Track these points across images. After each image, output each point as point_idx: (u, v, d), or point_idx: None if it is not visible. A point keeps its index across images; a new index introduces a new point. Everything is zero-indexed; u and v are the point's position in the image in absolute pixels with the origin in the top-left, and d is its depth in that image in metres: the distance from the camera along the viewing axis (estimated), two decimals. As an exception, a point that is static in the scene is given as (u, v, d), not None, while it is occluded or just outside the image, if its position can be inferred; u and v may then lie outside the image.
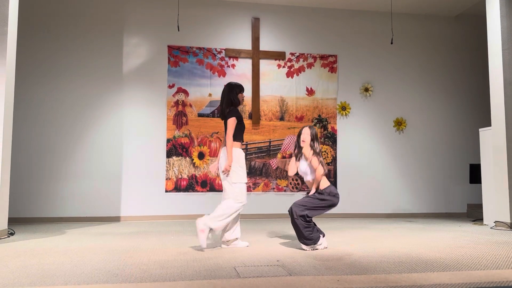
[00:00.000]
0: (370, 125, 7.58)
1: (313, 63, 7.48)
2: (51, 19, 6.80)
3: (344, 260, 3.37)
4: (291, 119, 7.32)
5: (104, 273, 2.92)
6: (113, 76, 6.89)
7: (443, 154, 7.74)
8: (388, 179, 7.53)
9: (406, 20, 7.81)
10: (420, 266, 3.15)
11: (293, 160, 4.19)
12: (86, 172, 6.68)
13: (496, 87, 5.83)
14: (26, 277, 2.79)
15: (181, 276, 2.82)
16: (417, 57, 7.83)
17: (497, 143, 5.80)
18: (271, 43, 7.41)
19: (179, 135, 6.98)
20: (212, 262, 3.28)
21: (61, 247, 4.08)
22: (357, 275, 2.85)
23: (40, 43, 6.72)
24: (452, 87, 7.90)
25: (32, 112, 6.60)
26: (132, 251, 3.83)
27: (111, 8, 6.99)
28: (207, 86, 7.15)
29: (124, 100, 6.89)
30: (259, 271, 2.98)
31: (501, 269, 3.05)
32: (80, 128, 6.73)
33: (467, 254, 3.66)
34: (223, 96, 4.26)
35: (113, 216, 6.66)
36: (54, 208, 6.52)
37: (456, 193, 7.70)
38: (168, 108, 7.00)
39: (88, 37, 6.87)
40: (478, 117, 7.68)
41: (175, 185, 6.89)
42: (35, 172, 6.53)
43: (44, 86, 6.67)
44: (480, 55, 7.65)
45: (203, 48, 7.18)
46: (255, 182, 7.10)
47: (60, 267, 3.10)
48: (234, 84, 4.31)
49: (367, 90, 7.57)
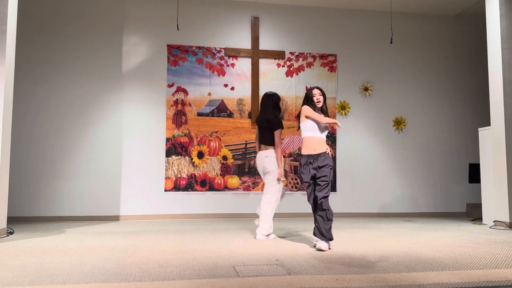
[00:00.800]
0: (369, 125, 7.58)
1: (312, 63, 7.48)
2: (51, 18, 6.79)
3: (343, 260, 3.37)
4: (290, 118, 7.31)
5: (103, 272, 2.92)
6: (113, 75, 6.88)
7: (442, 153, 7.75)
8: (387, 179, 7.54)
9: (406, 19, 7.81)
10: (419, 265, 3.15)
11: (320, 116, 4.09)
12: (85, 171, 6.67)
13: (495, 86, 5.83)
14: (25, 276, 2.79)
15: (180, 275, 2.82)
16: (416, 57, 7.84)
17: (497, 143, 5.80)
18: (271, 42, 7.40)
19: (179, 134, 6.98)
20: (211, 261, 3.28)
21: (60, 246, 4.08)
22: (356, 274, 2.86)
23: (40, 42, 6.71)
24: (451, 86, 7.90)
25: (31, 111, 6.60)
26: (131, 250, 3.83)
27: (110, 7, 6.98)
28: (206, 85, 7.14)
29: (124, 99, 6.89)
30: (258, 270, 2.98)
31: (500, 268, 3.05)
32: (79, 127, 6.72)
33: (466, 253, 3.66)
34: (265, 105, 4.68)
35: (112, 215, 6.66)
36: (53, 207, 6.52)
37: (455, 192, 7.71)
38: (168, 107, 7.00)
39: (87, 36, 6.86)
40: (477, 116, 7.69)
41: (175, 184, 6.89)
42: (35, 171, 6.53)
43: (43, 85, 6.66)
44: (480, 54, 7.66)
45: (202, 47, 7.17)
46: (255, 182, 7.10)
47: (59, 266, 3.10)
48: (276, 94, 4.77)
49: (366, 89, 7.57)
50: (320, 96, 4.09)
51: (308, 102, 4.11)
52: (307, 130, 4.07)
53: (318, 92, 4.11)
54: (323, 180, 3.89)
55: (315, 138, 4.04)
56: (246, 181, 7.09)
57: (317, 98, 4.08)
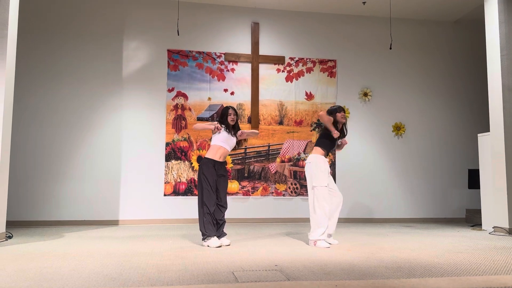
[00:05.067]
0: (369, 130, 7.59)
1: (312, 68, 7.50)
2: (51, 23, 6.82)
3: (342, 265, 3.36)
4: (290, 124, 7.32)
5: (102, 277, 2.91)
6: (113, 79, 6.90)
7: (441, 159, 7.75)
8: (386, 184, 7.53)
9: (405, 25, 7.84)
10: (418, 271, 3.14)
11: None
12: (85, 176, 6.67)
13: (494, 92, 5.85)
14: (24, 281, 2.78)
15: (179, 281, 2.81)
16: (416, 62, 7.86)
17: (496, 149, 5.80)
18: (271, 48, 7.43)
19: (178, 139, 6.98)
20: (210, 267, 3.27)
21: (59, 250, 4.07)
22: (355, 280, 2.85)
23: (40, 46, 6.73)
24: (451, 92, 7.92)
25: (31, 115, 6.61)
26: (130, 255, 3.82)
27: (111, 12, 7.01)
28: (206, 90, 7.16)
29: (124, 103, 6.90)
30: (257, 275, 2.97)
31: (499, 274, 3.05)
32: (79, 131, 6.73)
33: (466, 259, 3.66)
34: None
35: (111, 220, 6.64)
36: (52, 211, 6.51)
37: (455, 198, 7.71)
38: (168, 112, 7.00)
39: (88, 40, 6.88)
40: (476, 122, 7.70)
41: (174, 189, 6.89)
42: (34, 175, 6.53)
43: (43, 89, 6.67)
44: (479, 60, 7.68)
45: (202, 52, 7.19)
46: (254, 186, 7.09)
47: (58, 271, 3.09)
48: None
49: (366, 95, 7.59)
50: (234, 116, 4.56)
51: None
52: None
53: (233, 112, 4.57)
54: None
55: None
56: (246, 186, 7.09)
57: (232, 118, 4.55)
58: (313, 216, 4.46)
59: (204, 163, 4.48)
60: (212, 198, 4.39)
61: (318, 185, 4.42)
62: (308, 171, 4.57)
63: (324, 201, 4.41)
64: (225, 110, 4.61)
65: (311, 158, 4.59)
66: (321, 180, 4.43)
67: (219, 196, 4.50)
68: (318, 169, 4.47)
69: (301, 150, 7.30)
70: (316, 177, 4.46)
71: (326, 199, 4.43)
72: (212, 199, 4.38)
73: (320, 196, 4.41)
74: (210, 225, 4.36)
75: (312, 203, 4.48)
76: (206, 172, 4.41)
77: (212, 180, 4.42)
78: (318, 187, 4.42)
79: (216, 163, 4.47)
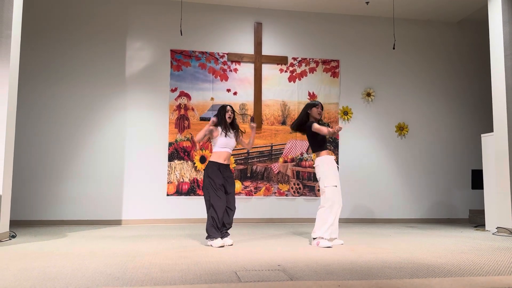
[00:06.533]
0: (372, 130, 7.58)
1: (315, 68, 7.50)
2: (55, 23, 6.84)
3: (345, 265, 3.36)
4: (293, 124, 7.31)
5: (105, 276, 2.92)
6: (116, 79, 6.92)
7: (445, 159, 7.73)
8: (389, 184, 7.52)
9: (409, 26, 7.83)
10: (421, 271, 3.13)
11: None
12: (88, 175, 6.69)
13: (498, 92, 5.83)
14: (27, 280, 2.79)
15: (182, 280, 2.81)
16: (419, 63, 7.84)
17: (499, 149, 5.78)
18: (274, 48, 7.43)
19: (181, 139, 6.99)
20: (213, 266, 3.27)
21: (62, 250, 4.08)
22: (358, 280, 2.85)
23: (44, 46, 6.76)
24: (454, 92, 7.90)
25: (34, 115, 6.63)
26: (133, 254, 3.83)
27: (114, 12, 7.03)
28: (209, 90, 7.16)
29: (127, 103, 6.91)
30: (260, 275, 2.97)
31: (503, 275, 3.03)
32: (82, 131, 6.75)
33: (469, 260, 3.64)
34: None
35: (114, 220, 6.66)
36: (55, 211, 6.53)
37: (458, 198, 7.68)
38: (170, 112, 7.02)
39: (91, 41, 6.90)
40: (480, 122, 7.68)
41: (177, 188, 6.90)
42: (37, 175, 6.55)
43: (46, 89, 6.70)
44: (482, 60, 7.65)
45: (205, 53, 7.20)
46: (257, 187, 7.09)
47: (61, 270, 3.10)
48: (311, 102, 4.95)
49: (369, 95, 7.58)
50: (231, 113, 4.59)
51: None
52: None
53: (230, 109, 4.61)
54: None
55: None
56: (248, 186, 7.09)
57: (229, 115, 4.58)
58: (321, 215, 4.46)
59: (209, 166, 4.51)
60: (222, 201, 4.39)
61: (328, 185, 4.48)
62: (317, 173, 4.62)
63: (333, 201, 4.45)
64: (222, 107, 4.65)
65: (318, 161, 4.60)
66: (330, 180, 4.48)
67: (229, 199, 4.51)
68: (326, 170, 4.52)
69: (303, 150, 7.30)
70: (325, 177, 4.50)
71: (336, 199, 4.46)
72: (221, 203, 4.38)
73: (330, 195, 4.45)
74: (214, 228, 4.37)
75: (322, 203, 4.51)
76: (212, 175, 4.43)
77: (219, 182, 4.42)
78: (328, 187, 4.48)
79: (221, 165, 4.50)
